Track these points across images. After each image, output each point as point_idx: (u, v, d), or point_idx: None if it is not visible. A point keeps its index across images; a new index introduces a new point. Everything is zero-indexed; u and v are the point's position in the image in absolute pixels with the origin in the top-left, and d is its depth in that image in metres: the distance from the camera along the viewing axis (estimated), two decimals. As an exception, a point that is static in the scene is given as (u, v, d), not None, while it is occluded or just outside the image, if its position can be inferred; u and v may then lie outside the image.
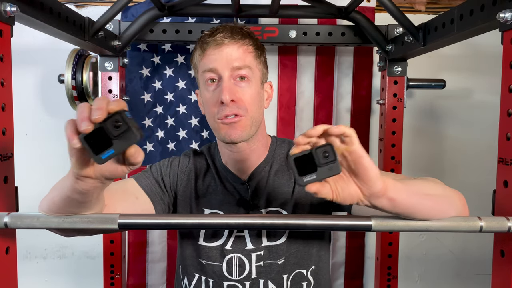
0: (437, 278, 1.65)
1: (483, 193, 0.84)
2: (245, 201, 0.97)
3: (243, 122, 0.89)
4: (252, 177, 0.98)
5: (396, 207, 0.63)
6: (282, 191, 0.97)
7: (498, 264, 0.70)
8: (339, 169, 0.57)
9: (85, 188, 0.60)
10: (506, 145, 0.68)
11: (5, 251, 0.68)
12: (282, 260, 0.96)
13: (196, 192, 1.00)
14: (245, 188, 0.98)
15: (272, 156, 1.00)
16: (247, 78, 0.90)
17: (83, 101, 1.30)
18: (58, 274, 1.60)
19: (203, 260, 0.97)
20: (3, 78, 0.68)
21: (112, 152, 0.52)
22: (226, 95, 0.86)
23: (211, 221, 0.70)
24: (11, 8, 0.67)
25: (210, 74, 0.89)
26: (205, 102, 0.93)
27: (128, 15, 1.44)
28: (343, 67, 1.53)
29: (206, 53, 0.90)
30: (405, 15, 1.01)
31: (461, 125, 1.61)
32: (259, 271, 0.95)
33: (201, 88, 0.94)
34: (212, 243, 0.97)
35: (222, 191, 0.99)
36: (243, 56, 0.90)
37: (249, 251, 0.95)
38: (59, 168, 1.57)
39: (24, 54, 1.50)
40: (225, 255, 0.95)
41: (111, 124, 0.51)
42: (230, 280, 0.96)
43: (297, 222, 0.69)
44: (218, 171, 1.00)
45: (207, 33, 0.91)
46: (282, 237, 0.96)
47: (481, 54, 1.55)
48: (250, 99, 0.90)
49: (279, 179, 0.98)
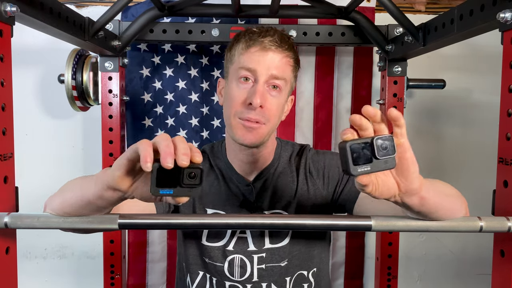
0: (437, 278, 1.65)
1: (483, 193, 0.84)
2: (249, 203, 0.97)
3: (262, 130, 0.89)
4: (258, 179, 0.98)
5: (424, 205, 0.62)
6: (285, 193, 0.98)
7: (498, 264, 0.70)
8: (394, 164, 0.54)
9: (114, 198, 0.61)
10: (506, 145, 0.68)
11: (5, 251, 0.68)
12: (285, 262, 0.96)
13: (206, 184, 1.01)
14: (249, 189, 0.98)
15: (278, 159, 1.01)
16: (279, 88, 0.90)
17: (83, 101, 1.30)
18: (58, 274, 1.60)
19: (206, 259, 0.98)
20: (3, 78, 0.68)
21: (170, 192, 0.54)
22: (258, 99, 0.86)
23: (211, 221, 0.70)
24: (11, 8, 0.66)
25: (247, 72, 0.89)
26: (230, 96, 0.91)
27: (128, 15, 1.44)
28: (343, 67, 1.53)
29: (250, 51, 0.89)
30: (405, 15, 1.01)
31: (461, 125, 1.61)
32: (261, 274, 0.95)
33: (231, 81, 0.92)
34: (215, 243, 0.97)
35: (226, 191, 0.98)
36: (283, 67, 0.90)
37: (251, 253, 0.95)
38: (59, 168, 1.58)
39: (24, 54, 1.50)
40: (227, 256, 0.95)
41: (187, 172, 0.53)
42: (232, 281, 0.96)
43: (297, 222, 0.69)
44: (222, 171, 1.00)
45: (256, 31, 0.90)
46: (284, 239, 0.96)
47: (481, 54, 1.55)
48: (276, 110, 0.90)
49: (282, 181, 0.99)
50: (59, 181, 1.67)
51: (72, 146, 1.55)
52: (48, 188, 1.61)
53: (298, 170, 1.00)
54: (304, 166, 1.00)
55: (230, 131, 0.92)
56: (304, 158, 1.01)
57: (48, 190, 1.78)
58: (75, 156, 1.55)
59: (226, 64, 0.97)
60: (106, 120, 1.27)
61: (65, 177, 1.65)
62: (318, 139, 1.54)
